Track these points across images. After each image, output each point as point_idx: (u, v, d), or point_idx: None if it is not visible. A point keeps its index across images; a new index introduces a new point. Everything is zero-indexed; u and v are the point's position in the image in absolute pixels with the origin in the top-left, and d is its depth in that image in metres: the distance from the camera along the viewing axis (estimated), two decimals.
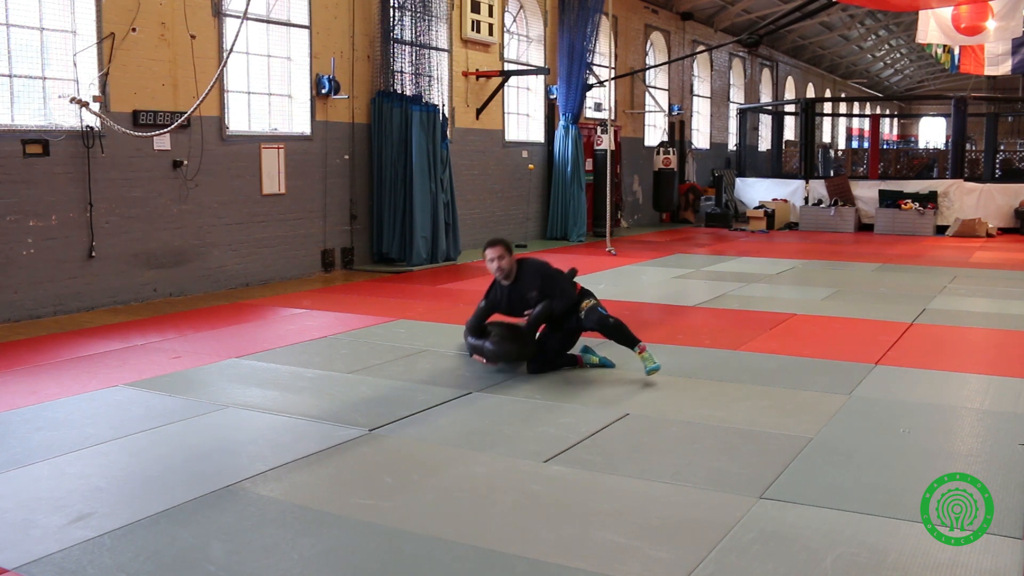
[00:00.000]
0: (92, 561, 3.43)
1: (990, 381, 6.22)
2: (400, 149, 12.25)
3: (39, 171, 8.46)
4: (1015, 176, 19.91)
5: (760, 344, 7.33)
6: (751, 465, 4.45)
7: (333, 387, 6.02)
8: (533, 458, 4.53)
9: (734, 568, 3.36)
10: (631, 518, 3.84)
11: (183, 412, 5.41)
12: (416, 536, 3.65)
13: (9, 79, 8.52)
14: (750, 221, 19.39)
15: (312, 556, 3.48)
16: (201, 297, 9.90)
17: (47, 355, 7.00)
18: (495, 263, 6.23)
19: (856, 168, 23.81)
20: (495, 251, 6.24)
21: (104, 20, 8.95)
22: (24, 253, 8.40)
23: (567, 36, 15.96)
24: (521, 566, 3.39)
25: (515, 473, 4.38)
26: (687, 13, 21.96)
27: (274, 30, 11.36)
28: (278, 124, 11.43)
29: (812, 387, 5.96)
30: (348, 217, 12.19)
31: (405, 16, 12.39)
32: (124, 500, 4.06)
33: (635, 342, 6.12)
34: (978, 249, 15.14)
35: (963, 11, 17.09)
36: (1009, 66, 19.54)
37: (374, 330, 7.94)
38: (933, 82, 43.86)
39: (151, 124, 9.34)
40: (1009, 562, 3.42)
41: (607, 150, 14.83)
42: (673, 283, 11.21)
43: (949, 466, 4.43)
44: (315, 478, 4.33)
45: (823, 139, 32.10)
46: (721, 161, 24.33)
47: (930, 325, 8.16)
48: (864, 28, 30.03)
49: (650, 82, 20.94)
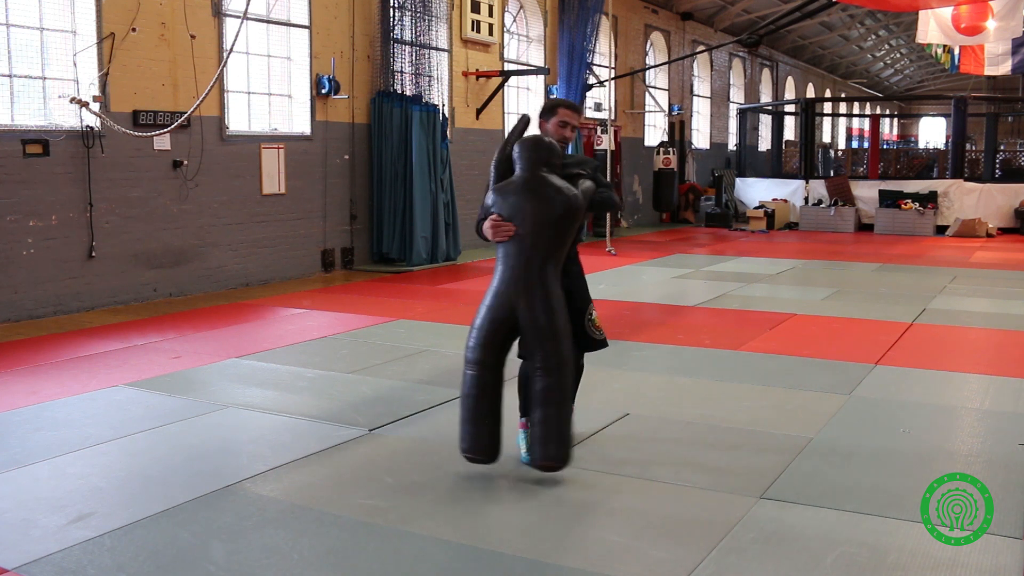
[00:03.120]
0: (92, 561, 3.43)
1: (990, 381, 6.22)
2: (400, 149, 12.24)
3: (39, 171, 8.46)
4: (1015, 176, 19.90)
5: (760, 344, 7.33)
6: (751, 465, 4.45)
7: (333, 387, 6.01)
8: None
9: (734, 568, 3.36)
10: (631, 518, 3.84)
11: (183, 412, 5.40)
12: (416, 536, 3.65)
13: (9, 79, 8.52)
14: (750, 221, 19.39)
15: (312, 556, 3.47)
16: (201, 297, 9.90)
17: (47, 355, 7.00)
18: (567, 129, 4.54)
19: (856, 168, 23.79)
20: (575, 116, 4.59)
21: (104, 20, 8.95)
22: (24, 253, 8.39)
23: (567, 36, 15.96)
24: (521, 566, 3.39)
25: (515, 473, 4.37)
26: (687, 13, 21.96)
27: (274, 30, 11.36)
28: (278, 124, 11.43)
29: (812, 387, 5.96)
30: (348, 217, 12.19)
31: (405, 16, 12.39)
32: (124, 500, 4.06)
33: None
34: (978, 249, 15.14)
35: (963, 11, 17.09)
36: (1009, 66, 19.53)
37: (374, 330, 7.94)
38: (933, 82, 43.86)
39: (151, 124, 9.34)
40: (1009, 562, 3.42)
41: (607, 150, 14.84)
42: (673, 283, 11.21)
43: (949, 466, 4.43)
44: (315, 478, 4.33)
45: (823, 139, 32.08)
46: (721, 161, 24.32)
47: (930, 325, 8.16)
48: (864, 28, 30.03)
49: (650, 82, 20.93)
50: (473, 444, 4.24)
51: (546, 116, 4.53)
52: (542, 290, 4.16)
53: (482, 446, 4.24)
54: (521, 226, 4.17)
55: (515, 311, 4.15)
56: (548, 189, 4.21)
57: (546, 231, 4.18)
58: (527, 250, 4.17)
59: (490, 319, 4.20)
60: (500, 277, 4.23)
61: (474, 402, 4.23)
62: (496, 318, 4.18)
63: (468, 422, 4.25)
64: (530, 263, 4.17)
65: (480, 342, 4.22)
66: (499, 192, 4.28)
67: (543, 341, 4.15)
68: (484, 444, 4.24)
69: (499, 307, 4.18)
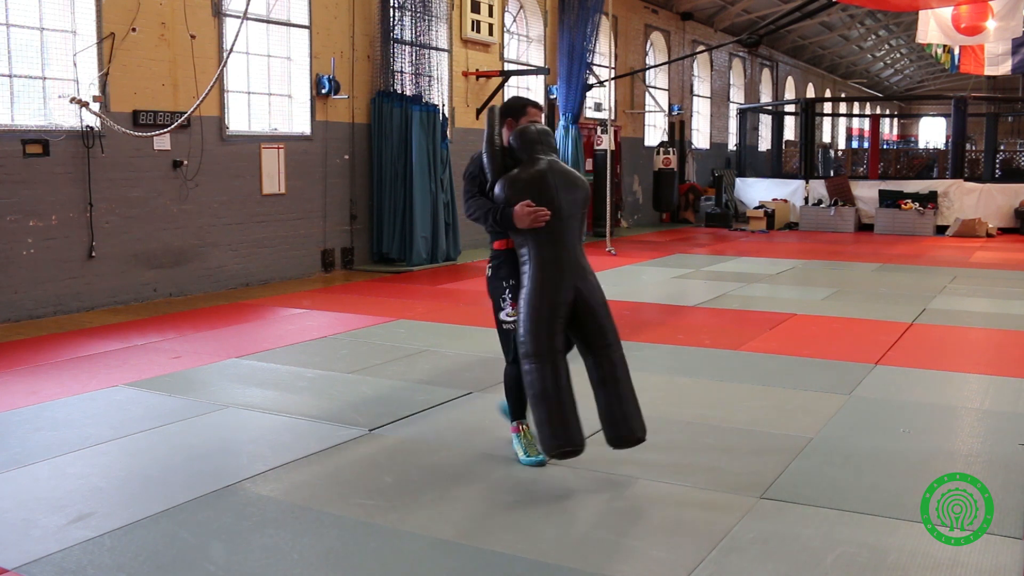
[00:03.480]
0: (92, 561, 3.43)
1: (990, 381, 6.22)
2: (400, 149, 12.25)
3: (39, 171, 8.46)
4: (1015, 176, 19.90)
5: (760, 344, 7.33)
6: (751, 465, 4.45)
7: (333, 387, 6.01)
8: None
9: (734, 568, 3.36)
10: (631, 518, 3.84)
11: (183, 412, 5.40)
12: (416, 536, 3.65)
13: (9, 79, 8.52)
14: (750, 221, 19.38)
15: (312, 556, 3.48)
16: (201, 297, 9.90)
17: (47, 355, 7.00)
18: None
19: (856, 168, 23.79)
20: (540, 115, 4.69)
21: (104, 20, 8.95)
22: (24, 253, 8.39)
23: (567, 36, 15.95)
24: (521, 566, 3.39)
25: (515, 473, 4.37)
26: (687, 13, 21.95)
27: (274, 30, 11.36)
28: (278, 124, 11.43)
29: (812, 387, 5.96)
30: (348, 217, 12.19)
31: (405, 16, 12.39)
32: (124, 500, 4.06)
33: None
34: (978, 249, 15.14)
35: (963, 11, 17.09)
36: (1009, 66, 19.53)
37: (374, 330, 7.94)
38: (933, 82, 43.86)
39: (151, 124, 9.34)
40: (1009, 562, 3.42)
41: (607, 150, 14.83)
42: (673, 283, 11.21)
43: (949, 466, 4.43)
44: (315, 478, 4.33)
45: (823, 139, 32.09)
46: (721, 161, 24.32)
47: (930, 325, 8.16)
48: (864, 28, 30.03)
49: (650, 82, 20.93)
50: (572, 437, 4.05)
51: (515, 115, 4.56)
52: (590, 270, 4.25)
53: (580, 438, 4.10)
54: (562, 210, 4.17)
55: (575, 294, 4.11)
56: (572, 174, 4.29)
57: (579, 213, 4.27)
58: (571, 233, 4.20)
59: (550, 306, 4.08)
60: (545, 264, 4.12)
61: (562, 394, 4.06)
62: (557, 303, 4.08)
63: (557, 416, 4.04)
64: (575, 246, 4.22)
65: (549, 331, 4.08)
66: (518, 181, 4.21)
67: (607, 317, 4.18)
68: (580, 436, 4.10)
69: (557, 292, 4.09)
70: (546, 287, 4.11)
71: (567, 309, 4.13)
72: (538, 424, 4.11)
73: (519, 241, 4.24)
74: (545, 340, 4.08)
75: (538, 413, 4.10)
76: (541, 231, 4.15)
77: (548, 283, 4.12)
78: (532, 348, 4.09)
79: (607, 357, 4.16)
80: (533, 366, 4.09)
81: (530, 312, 4.11)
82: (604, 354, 4.16)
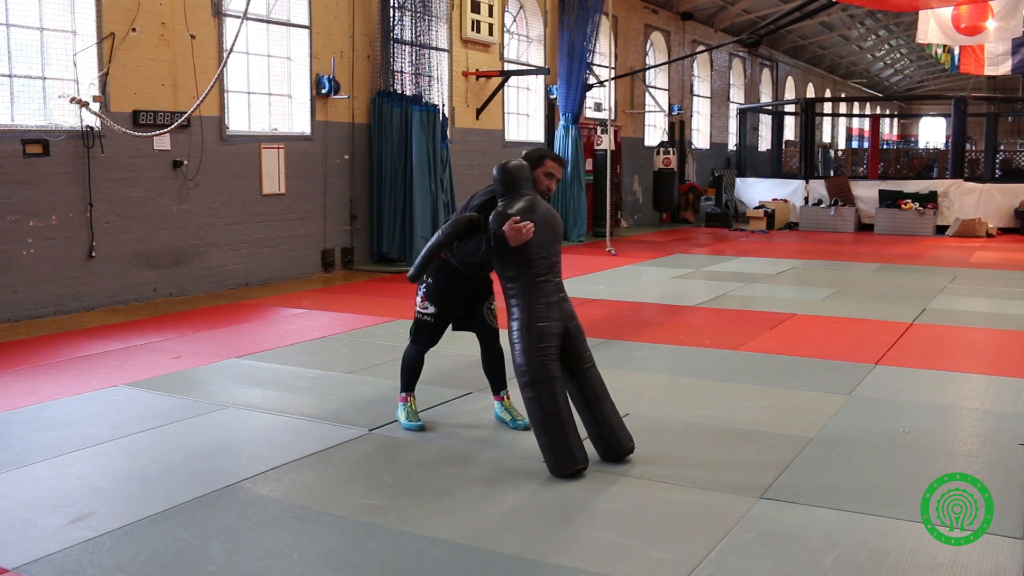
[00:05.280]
0: (92, 561, 3.43)
1: (990, 381, 6.22)
2: (400, 149, 12.25)
3: (39, 171, 8.46)
4: (1015, 176, 19.90)
5: (760, 344, 7.33)
6: (751, 465, 4.45)
7: (333, 387, 6.02)
8: (533, 458, 4.52)
9: (734, 568, 3.36)
10: (631, 518, 3.84)
11: (183, 412, 5.41)
12: (416, 536, 3.65)
13: (9, 79, 8.52)
14: (750, 221, 19.39)
15: (312, 556, 3.48)
16: (201, 297, 9.90)
17: (47, 355, 7.00)
18: (552, 180, 4.73)
19: (856, 168, 23.80)
20: (560, 168, 4.78)
21: (104, 20, 8.95)
22: (24, 253, 8.39)
23: (567, 36, 15.96)
24: (521, 566, 3.39)
25: (515, 473, 4.37)
26: (687, 13, 21.96)
27: (274, 30, 11.36)
28: (278, 124, 11.43)
29: (812, 387, 5.97)
30: (348, 217, 12.19)
31: (405, 16, 12.39)
32: (124, 500, 4.06)
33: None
34: (978, 249, 15.14)
35: (963, 11, 17.09)
36: (1009, 66, 19.53)
37: (374, 330, 7.94)
38: (933, 82, 43.86)
39: (151, 124, 9.34)
40: (1009, 562, 3.42)
41: (607, 150, 14.82)
42: (673, 283, 11.21)
43: (949, 466, 4.43)
44: (315, 478, 4.33)
45: (823, 139, 32.09)
46: (721, 161, 24.33)
47: (930, 325, 8.16)
48: (864, 28, 30.03)
49: (650, 82, 20.93)
50: (577, 458, 4.30)
51: (533, 164, 4.68)
52: (567, 295, 4.60)
53: (584, 455, 4.34)
54: (553, 245, 4.52)
55: (565, 322, 4.44)
56: (553, 210, 4.64)
57: (559, 242, 4.62)
58: (556, 266, 4.54)
59: (553, 334, 4.37)
60: (542, 295, 4.40)
61: (562, 415, 4.32)
62: (557, 332, 4.38)
63: (561, 441, 4.29)
64: (559, 278, 4.55)
65: (553, 357, 4.36)
66: (508, 214, 4.43)
67: (583, 341, 4.54)
68: (583, 453, 4.34)
69: (555, 321, 4.39)
70: (546, 317, 4.39)
71: (559, 338, 4.41)
72: (544, 450, 4.34)
73: (511, 275, 4.47)
74: (553, 365, 4.36)
75: (543, 440, 4.34)
76: (527, 265, 4.41)
77: (548, 313, 4.40)
78: (539, 374, 4.34)
79: (587, 379, 4.49)
80: (533, 394, 4.35)
81: (526, 340, 4.37)
82: (585, 377, 4.49)
